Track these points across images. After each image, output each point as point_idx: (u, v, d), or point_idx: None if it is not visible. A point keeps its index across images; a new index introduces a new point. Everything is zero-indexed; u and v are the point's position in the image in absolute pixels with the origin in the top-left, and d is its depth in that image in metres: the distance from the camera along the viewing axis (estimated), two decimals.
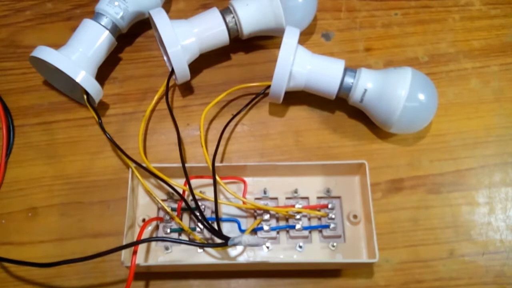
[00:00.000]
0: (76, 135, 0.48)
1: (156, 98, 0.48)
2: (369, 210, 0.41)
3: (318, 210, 0.43)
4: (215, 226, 0.40)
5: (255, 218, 0.43)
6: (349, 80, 0.44)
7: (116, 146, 0.45)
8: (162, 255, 0.42)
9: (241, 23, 0.47)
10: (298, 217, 0.43)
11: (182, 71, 0.46)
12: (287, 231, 0.43)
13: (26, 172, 0.46)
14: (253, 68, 0.51)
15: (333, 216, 0.43)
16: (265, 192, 0.44)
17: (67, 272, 0.42)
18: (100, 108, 0.49)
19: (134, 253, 0.38)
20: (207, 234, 0.42)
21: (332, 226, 0.42)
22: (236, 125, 0.49)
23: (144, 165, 0.43)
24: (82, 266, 0.40)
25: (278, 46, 0.44)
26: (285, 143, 0.48)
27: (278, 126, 0.49)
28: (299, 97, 0.49)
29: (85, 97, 0.45)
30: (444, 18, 0.54)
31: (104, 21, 0.47)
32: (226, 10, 0.47)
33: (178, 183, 0.42)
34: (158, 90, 0.48)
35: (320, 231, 0.43)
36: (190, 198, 0.41)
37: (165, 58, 0.50)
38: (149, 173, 0.42)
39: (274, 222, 0.43)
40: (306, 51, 0.45)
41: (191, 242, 0.40)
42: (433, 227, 0.44)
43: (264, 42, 0.53)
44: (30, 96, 0.50)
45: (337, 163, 0.44)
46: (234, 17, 0.47)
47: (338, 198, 0.44)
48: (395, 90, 0.43)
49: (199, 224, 0.42)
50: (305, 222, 0.43)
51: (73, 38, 0.47)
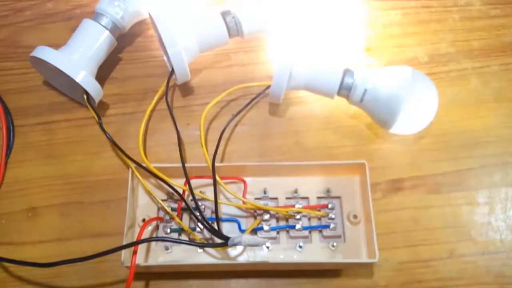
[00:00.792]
0: (76, 135, 0.48)
1: (156, 98, 0.48)
2: (369, 210, 0.41)
3: (318, 210, 0.43)
4: (215, 226, 0.40)
5: (255, 218, 0.43)
6: (349, 80, 0.44)
7: (116, 146, 0.45)
8: (162, 255, 0.42)
9: (241, 23, 0.47)
10: (298, 217, 0.43)
11: (182, 71, 0.46)
12: (287, 231, 0.43)
13: (26, 172, 0.46)
14: (253, 68, 0.51)
15: (333, 216, 0.43)
16: (265, 192, 0.44)
17: (67, 272, 0.42)
18: (100, 108, 0.49)
19: (134, 253, 0.38)
20: (207, 234, 0.42)
21: (332, 226, 0.42)
22: (236, 125, 0.49)
23: (144, 165, 0.43)
24: (82, 266, 0.40)
25: (278, 46, 0.44)
26: (285, 143, 0.48)
27: (278, 126, 0.49)
28: (299, 97, 0.50)
29: (85, 97, 0.45)
30: (444, 18, 0.54)
31: (104, 21, 0.47)
32: (226, 10, 0.47)
33: (178, 183, 0.42)
34: (158, 90, 0.48)
35: (320, 231, 0.43)
36: (190, 198, 0.41)
37: (165, 58, 0.50)
38: (149, 173, 0.42)
39: (274, 222, 0.43)
40: (306, 51, 0.45)
41: (191, 242, 0.40)
42: (433, 227, 0.44)
43: (264, 42, 0.53)
44: (30, 96, 0.50)
45: (337, 163, 0.44)
46: (234, 17, 0.47)
47: (338, 198, 0.44)
48: (395, 90, 0.43)
49: (199, 224, 0.42)
50: (305, 222, 0.43)
51: (73, 38, 0.47)
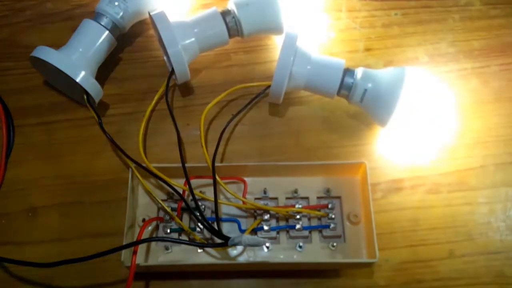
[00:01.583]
0: (76, 135, 0.48)
1: (156, 98, 0.48)
2: (369, 210, 0.41)
3: (318, 210, 0.43)
4: (215, 226, 0.40)
5: (255, 218, 0.43)
6: (349, 80, 0.44)
7: (116, 146, 0.45)
8: (162, 255, 0.42)
9: (241, 23, 0.47)
10: (298, 217, 0.43)
11: (182, 71, 0.46)
12: (287, 231, 0.43)
13: (26, 172, 0.46)
14: (253, 68, 0.51)
15: (333, 216, 0.43)
16: (265, 192, 0.44)
17: (67, 272, 0.42)
18: (100, 108, 0.49)
19: (134, 253, 0.38)
20: (207, 234, 0.42)
21: (332, 226, 0.42)
22: (236, 125, 0.49)
23: (144, 165, 0.43)
24: (82, 266, 0.40)
25: (278, 46, 0.44)
26: (285, 143, 0.48)
27: (278, 126, 0.49)
28: (299, 97, 0.50)
29: (85, 97, 0.45)
30: (444, 18, 0.54)
31: (104, 21, 0.47)
32: (226, 10, 0.47)
33: (178, 183, 0.42)
34: (158, 90, 0.48)
35: (320, 231, 0.43)
36: (190, 198, 0.41)
37: (165, 58, 0.50)
38: (149, 173, 0.42)
39: (274, 222, 0.43)
40: (306, 51, 0.45)
41: (191, 242, 0.40)
42: (433, 227, 0.44)
43: (264, 42, 0.53)
44: (30, 96, 0.50)
45: (337, 163, 0.44)
46: (234, 17, 0.47)
47: (338, 198, 0.44)
48: (396, 90, 0.43)
49: (199, 224, 0.42)
50: (305, 222, 0.43)
51: (73, 38, 0.47)
